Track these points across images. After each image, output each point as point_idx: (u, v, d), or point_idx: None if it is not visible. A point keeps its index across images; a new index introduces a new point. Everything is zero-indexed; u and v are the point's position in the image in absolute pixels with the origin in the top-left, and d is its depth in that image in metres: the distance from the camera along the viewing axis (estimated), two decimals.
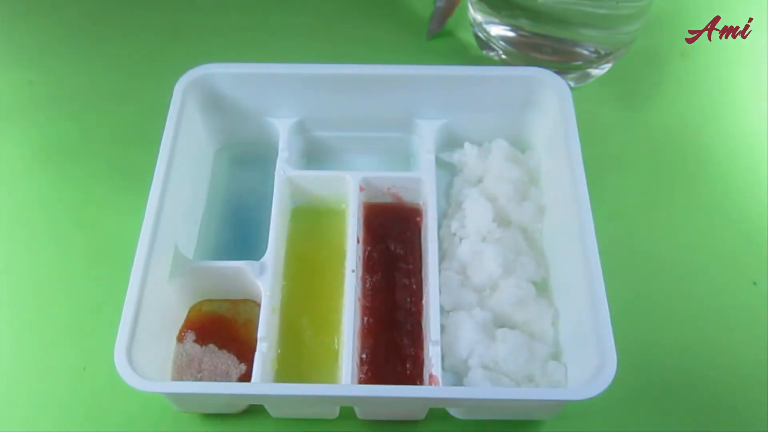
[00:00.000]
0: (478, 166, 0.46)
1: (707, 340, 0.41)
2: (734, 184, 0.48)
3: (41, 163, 0.49)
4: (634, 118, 0.51)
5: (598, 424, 0.39)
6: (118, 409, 0.39)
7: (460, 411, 0.39)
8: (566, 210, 0.40)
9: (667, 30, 0.55)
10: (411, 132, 0.47)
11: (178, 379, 0.39)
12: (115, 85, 0.53)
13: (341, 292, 0.41)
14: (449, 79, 0.44)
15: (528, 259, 0.42)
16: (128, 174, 0.47)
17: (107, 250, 0.44)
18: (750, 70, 0.54)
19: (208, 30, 0.57)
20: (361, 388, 0.35)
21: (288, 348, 0.40)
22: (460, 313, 0.40)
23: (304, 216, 0.45)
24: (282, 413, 0.39)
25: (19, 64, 0.54)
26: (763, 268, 0.44)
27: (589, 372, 0.34)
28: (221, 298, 0.42)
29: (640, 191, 0.48)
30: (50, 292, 0.43)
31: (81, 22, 0.57)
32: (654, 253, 0.45)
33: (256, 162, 0.47)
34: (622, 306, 0.37)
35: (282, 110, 0.46)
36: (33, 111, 0.52)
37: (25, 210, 0.47)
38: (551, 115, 0.44)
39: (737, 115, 0.51)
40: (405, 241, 0.43)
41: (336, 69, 0.44)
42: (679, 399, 0.40)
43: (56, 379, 0.40)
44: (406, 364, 0.39)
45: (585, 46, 0.50)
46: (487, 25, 0.52)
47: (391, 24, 0.57)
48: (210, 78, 0.44)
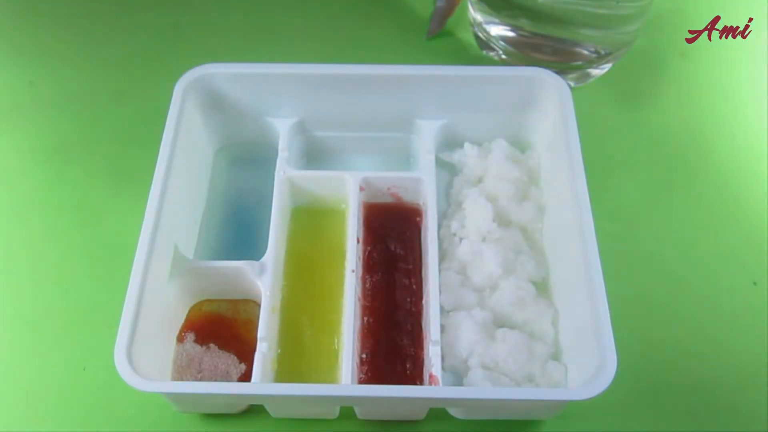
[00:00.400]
0: (478, 166, 0.46)
1: (707, 340, 0.41)
2: (734, 184, 0.48)
3: (41, 163, 0.49)
4: (634, 118, 0.51)
5: (598, 424, 0.39)
6: (117, 409, 0.39)
7: (460, 411, 0.39)
8: (566, 210, 0.40)
9: (667, 30, 0.55)
10: (411, 132, 0.47)
11: (178, 379, 0.39)
12: (115, 85, 0.53)
13: (341, 292, 0.41)
14: (449, 79, 0.44)
15: (528, 259, 0.42)
16: (128, 174, 0.48)
17: (107, 250, 0.44)
18: (750, 70, 0.54)
19: (208, 30, 0.57)
20: (361, 388, 0.35)
21: (288, 348, 0.40)
22: (460, 313, 0.40)
23: (304, 216, 0.45)
24: (282, 413, 0.39)
25: (19, 64, 0.54)
26: (763, 268, 0.44)
27: (589, 372, 0.34)
28: (221, 298, 0.42)
29: (640, 191, 0.48)
30: (50, 291, 0.43)
31: (81, 22, 0.57)
32: (654, 253, 0.45)
33: (256, 162, 0.47)
34: (622, 306, 0.37)
35: (282, 110, 0.46)
36: (33, 111, 0.52)
37: (25, 210, 0.47)
38: (551, 115, 0.44)
39: (737, 115, 0.51)
40: (405, 241, 0.43)
41: (336, 69, 0.44)
42: (679, 399, 0.40)
43: (56, 379, 0.40)
44: (406, 364, 0.39)
45: (585, 46, 0.50)
46: (487, 25, 0.52)
47: (391, 24, 0.57)
48: (210, 78, 0.44)
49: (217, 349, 0.40)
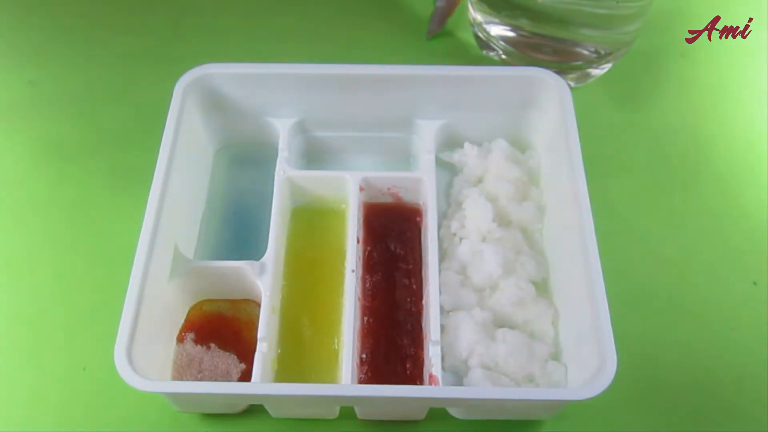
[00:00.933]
0: (478, 166, 0.46)
1: (707, 340, 0.42)
2: (734, 184, 0.48)
3: (41, 163, 0.49)
4: (634, 118, 0.51)
5: (598, 424, 0.39)
6: (117, 409, 0.39)
7: (460, 411, 0.39)
8: (566, 210, 0.40)
9: (667, 30, 0.55)
10: (411, 132, 0.47)
11: (178, 379, 0.39)
12: (115, 86, 0.53)
13: (341, 292, 0.41)
14: (449, 79, 0.44)
15: (528, 259, 0.42)
16: (128, 174, 0.48)
17: (107, 251, 0.44)
18: (750, 70, 0.54)
19: (208, 30, 0.57)
20: (361, 388, 0.35)
21: (288, 348, 0.40)
22: (460, 313, 0.40)
23: (304, 216, 0.45)
24: (282, 413, 0.39)
25: (19, 64, 0.54)
26: (763, 268, 0.44)
27: (589, 372, 0.34)
28: (221, 298, 0.42)
29: (640, 191, 0.48)
30: (50, 292, 0.43)
31: (81, 22, 0.57)
32: (654, 253, 0.45)
33: (256, 162, 0.47)
34: (622, 306, 0.37)
35: (282, 110, 0.46)
36: (33, 111, 0.52)
37: (25, 210, 0.47)
38: (551, 115, 0.44)
39: (737, 115, 0.51)
40: (405, 241, 0.43)
41: (336, 69, 0.44)
42: (679, 399, 0.40)
43: (56, 379, 0.40)
44: (406, 364, 0.39)
45: (585, 46, 0.50)
46: (487, 25, 0.52)
47: (391, 24, 0.57)
48: (210, 78, 0.44)
49: (217, 349, 0.40)
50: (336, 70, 0.44)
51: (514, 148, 0.46)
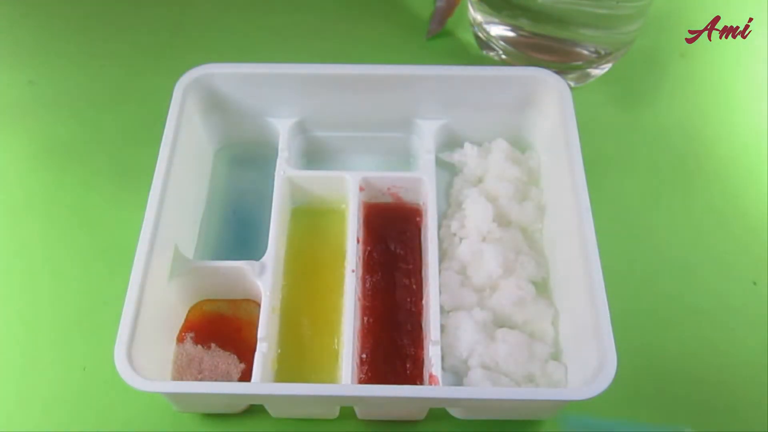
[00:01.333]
0: (478, 166, 0.46)
1: (707, 340, 0.41)
2: (734, 184, 0.48)
3: (41, 163, 0.49)
4: (634, 118, 0.51)
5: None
6: (118, 409, 0.39)
7: (460, 411, 0.39)
8: (566, 210, 0.40)
9: (667, 30, 0.55)
10: (411, 132, 0.47)
11: (178, 379, 0.39)
12: (115, 85, 0.53)
13: (341, 292, 0.41)
14: (449, 79, 0.44)
15: (528, 259, 0.42)
16: (128, 174, 0.48)
17: (107, 250, 0.44)
18: (750, 70, 0.54)
19: (209, 30, 0.57)
20: (361, 388, 0.35)
21: (288, 348, 0.40)
22: (460, 313, 0.40)
23: (304, 216, 0.45)
24: (282, 413, 0.39)
25: (19, 64, 0.54)
26: (763, 268, 0.44)
27: (589, 372, 0.34)
28: (221, 298, 0.42)
29: (640, 191, 0.48)
30: (50, 291, 0.43)
31: (81, 22, 0.57)
32: (654, 253, 0.45)
33: (256, 162, 0.47)
34: (622, 306, 0.37)
35: (282, 110, 0.46)
36: (33, 111, 0.52)
37: (25, 210, 0.47)
38: (551, 115, 0.44)
39: (737, 115, 0.51)
40: (405, 241, 0.43)
41: (336, 69, 0.44)
42: (679, 399, 0.40)
43: (56, 379, 0.40)
44: (406, 364, 0.39)
45: (585, 46, 0.50)
46: (487, 25, 0.52)
47: (391, 24, 0.57)
48: (210, 78, 0.44)
49: (217, 349, 0.40)
50: (336, 70, 0.44)
51: (514, 148, 0.46)
